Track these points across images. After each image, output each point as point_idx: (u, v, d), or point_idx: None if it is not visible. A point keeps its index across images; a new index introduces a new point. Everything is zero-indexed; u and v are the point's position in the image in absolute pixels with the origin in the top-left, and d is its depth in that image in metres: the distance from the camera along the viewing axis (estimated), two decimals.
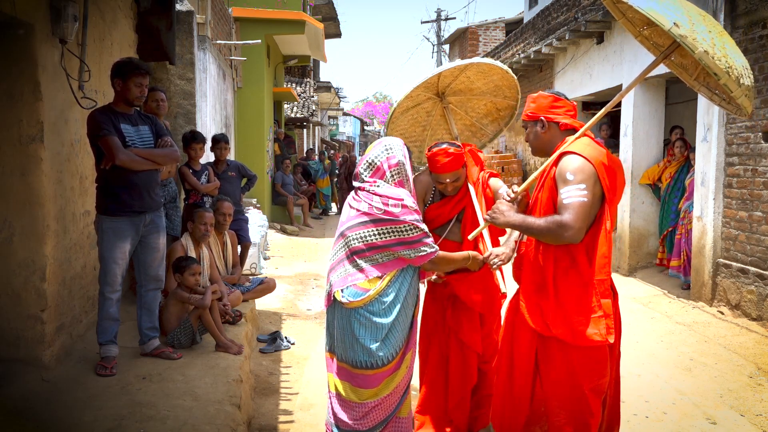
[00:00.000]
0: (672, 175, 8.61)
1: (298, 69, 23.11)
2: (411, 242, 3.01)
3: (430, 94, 4.24)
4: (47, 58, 4.00)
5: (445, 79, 4.14)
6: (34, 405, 3.57)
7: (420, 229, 3.02)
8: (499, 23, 22.42)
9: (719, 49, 2.54)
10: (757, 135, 6.57)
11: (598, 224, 2.89)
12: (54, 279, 4.12)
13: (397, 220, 2.98)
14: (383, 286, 3.01)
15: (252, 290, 6.03)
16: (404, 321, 3.09)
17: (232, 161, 7.38)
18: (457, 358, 3.82)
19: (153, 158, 4.17)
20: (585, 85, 10.74)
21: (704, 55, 2.48)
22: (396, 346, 3.06)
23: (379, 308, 3.02)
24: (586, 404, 2.91)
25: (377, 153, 3.12)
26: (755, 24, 6.56)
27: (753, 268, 6.51)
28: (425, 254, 3.04)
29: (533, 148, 3.21)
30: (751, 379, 5.15)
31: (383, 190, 3.04)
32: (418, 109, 4.31)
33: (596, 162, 2.85)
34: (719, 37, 2.61)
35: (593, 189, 2.81)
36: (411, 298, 3.13)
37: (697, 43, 2.50)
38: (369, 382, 3.06)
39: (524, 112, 3.20)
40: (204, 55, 8.06)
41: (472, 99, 4.37)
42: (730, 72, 2.51)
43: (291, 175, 15.45)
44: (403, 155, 3.14)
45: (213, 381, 4.01)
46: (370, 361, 3.04)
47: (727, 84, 2.52)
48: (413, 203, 3.07)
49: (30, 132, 3.91)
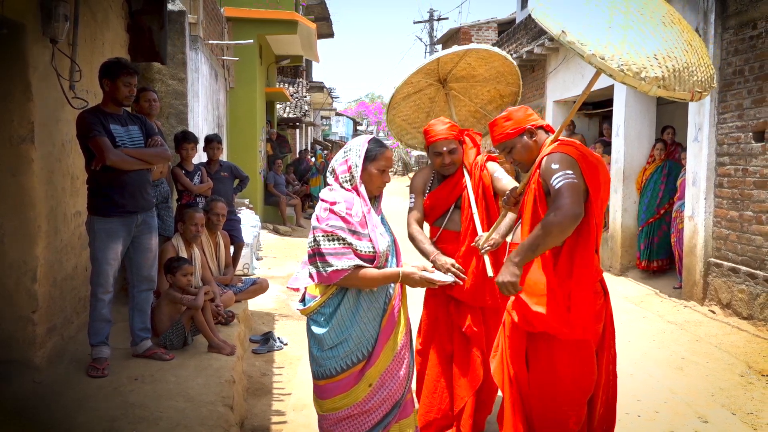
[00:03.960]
0: (647, 176, 8.76)
1: (291, 69, 23.09)
2: (324, 253, 2.74)
3: (432, 80, 4.28)
4: (38, 58, 3.98)
5: (445, 65, 4.18)
6: (26, 407, 3.55)
7: (341, 240, 2.73)
8: (492, 23, 22.40)
9: (620, 46, 2.50)
10: (747, 135, 6.61)
11: (587, 224, 2.88)
12: (45, 280, 4.10)
13: (317, 227, 2.78)
14: (327, 296, 2.84)
15: (245, 291, 6.01)
16: (359, 335, 2.84)
17: (225, 162, 7.38)
18: (461, 355, 3.76)
19: (143, 158, 4.16)
20: (577, 85, 10.76)
21: (592, 57, 2.47)
22: (347, 359, 2.84)
23: (319, 318, 2.86)
24: (569, 403, 2.93)
25: (337, 156, 2.97)
26: (745, 24, 6.59)
27: (744, 268, 6.54)
28: (334, 270, 2.73)
29: (524, 163, 3.14)
30: (742, 378, 5.18)
31: (328, 195, 2.85)
32: (421, 95, 4.36)
33: (577, 156, 2.88)
34: (644, 30, 2.58)
35: (578, 180, 2.83)
36: (368, 311, 2.86)
37: (585, 47, 2.48)
38: (323, 391, 2.89)
39: (501, 133, 3.14)
40: (196, 55, 8.02)
41: (475, 86, 4.41)
42: (625, 69, 2.45)
43: (283, 175, 15.41)
44: (359, 157, 2.88)
45: (205, 382, 4.00)
46: (318, 370, 2.89)
47: (626, 81, 2.49)
48: (348, 209, 2.77)
49: (21, 132, 3.89)
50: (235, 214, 7.28)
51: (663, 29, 2.66)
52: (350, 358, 2.85)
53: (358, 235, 2.78)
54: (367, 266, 2.79)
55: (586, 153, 2.94)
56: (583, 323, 2.88)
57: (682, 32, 2.74)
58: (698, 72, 2.64)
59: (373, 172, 2.88)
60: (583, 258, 2.89)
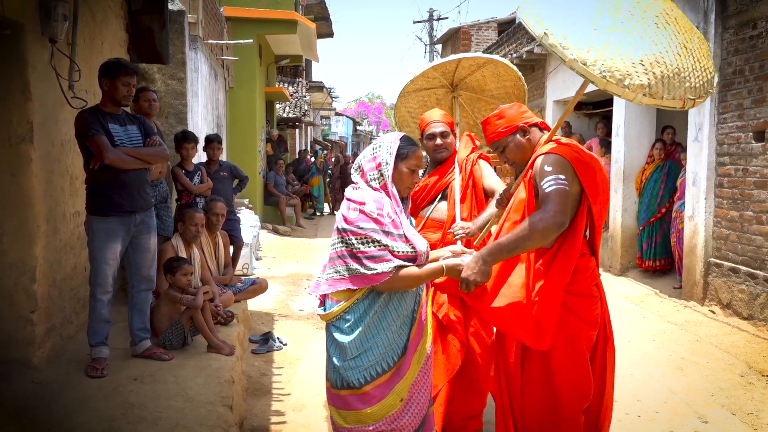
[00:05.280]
0: (647, 176, 8.76)
1: (291, 69, 23.05)
2: (361, 257, 2.60)
3: (445, 81, 4.31)
4: (37, 57, 3.97)
5: (463, 69, 4.21)
6: (25, 407, 3.54)
7: (376, 242, 2.60)
8: (492, 23, 22.38)
9: (604, 50, 2.39)
10: (748, 135, 6.60)
11: (574, 230, 2.80)
12: (44, 280, 4.09)
13: (347, 229, 2.62)
14: (352, 300, 2.68)
15: (244, 291, 6.00)
16: (385, 344, 2.69)
17: (225, 162, 7.38)
18: (437, 342, 3.64)
19: (142, 157, 4.15)
20: (577, 85, 10.62)
21: (573, 63, 2.36)
22: (371, 369, 2.67)
23: (343, 325, 2.69)
24: (565, 413, 2.88)
25: (364, 153, 2.84)
26: (745, 24, 6.59)
27: (744, 268, 6.53)
28: (375, 273, 2.59)
29: (518, 162, 3.06)
30: (742, 378, 5.17)
31: (354, 194, 2.72)
32: (430, 93, 4.38)
33: (572, 158, 2.78)
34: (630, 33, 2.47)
35: (571, 184, 2.73)
36: (397, 319, 2.71)
37: (567, 51, 2.37)
38: (347, 403, 2.69)
39: (493, 132, 3.07)
40: (195, 54, 8.02)
41: (481, 99, 4.44)
42: (607, 76, 2.34)
43: (283, 175, 15.40)
44: (390, 154, 2.75)
45: (205, 382, 3.99)
46: (339, 380, 2.71)
47: (608, 89, 2.37)
48: (379, 210, 2.64)
49: (20, 132, 3.88)
50: (234, 214, 7.28)
51: (655, 31, 2.54)
52: (375, 368, 2.68)
53: (392, 236, 2.63)
54: (408, 265, 2.65)
55: (582, 154, 2.84)
56: (546, 329, 2.76)
57: (676, 34, 2.60)
58: (692, 77, 2.51)
59: (403, 171, 2.76)
60: (564, 261, 2.78)
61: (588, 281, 2.89)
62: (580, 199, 2.81)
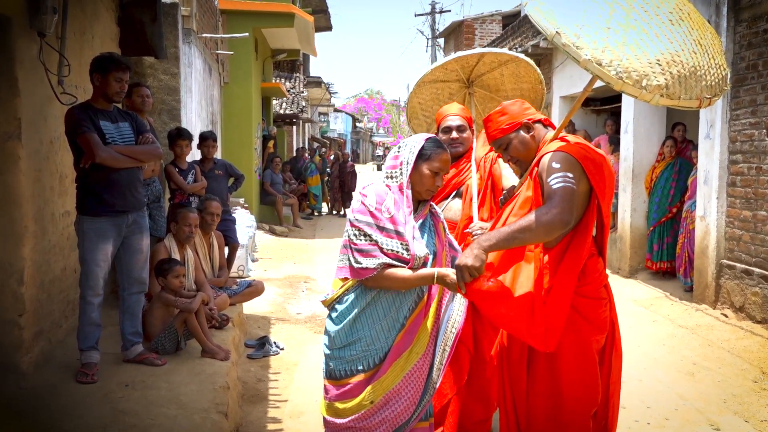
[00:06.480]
0: (657, 174, 8.66)
1: (288, 63, 23.03)
2: (353, 248, 2.67)
3: (463, 75, 4.29)
4: (25, 52, 3.93)
5: (482, 65, 4.19)
6: (12, 413, 3.53)
7: (367, 236, 2.64)
8: (496, 16, 22.34)
9: (619, 50, 2.35)
10: (761, 132, 6.49)
11: (584, 228, 2.76)
12: (32, 282, 4.05)
13: (350, 219, 2.73)
14: (343, 290, 2.76)
15: (239, 293, 5.93)
16: (368, 341, 2.72)
17: (220, 160, 7.35)
18: (488, 348, 3.54)
19: (134, 155, 4.12)
20: (584, 81, 10.36)
21: (588, 63, 2.33)
22: (352, 364, 2.74)
23: (333, 313, 2.80)
24: (573, 418, 2.83)
25: (392, 150, 2.89)
26: (759, 17, 6.49)
27: (758, 269, 6.43)
28: (361, 268, 2.64)
29: (522, 160, 3.00)
30: (755, 384, 5.10)
31: (365, 188, 2.80)
32: (444, 86, 4.36)
33: (581, 156, 2.74)
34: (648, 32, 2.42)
35: (578, 183, 2.69)
36: (385, 319, 2.73)
37: (581, 51, 2.34)
38: (326, 391, 2.81)
39: (496, 129, 3.00)
40: (189, 48, 7.97)
41: (494, 99, 4.38)
42: (624, 77, 2.31)
43: (280, 173, 15.31)
44: (412, 153, 2.76)
45: (199, 388, 3.97)
46: (325, 368, 2.82)
47: (625, 90, 2.35)
48: (378, 204, 2.68)
49: (7, 129, 3.85)
50: (229, 213, 7.23)
51: (669, 28, 2.50)
52: (356, 364, 2.74)
53: (386, 232, 2.65)
54: (399, 265, 2.65)
55: (591, 152, 2.81)
56: (554, 331, 2.69)
57: (691, 30, 2.56)
58: (708, 75, 2.48)
59: (424, 172, 2.74)
60: (573, 260, 2.74)
61: (597, 282, 2.86)
62: (590, 197, 2.78)
